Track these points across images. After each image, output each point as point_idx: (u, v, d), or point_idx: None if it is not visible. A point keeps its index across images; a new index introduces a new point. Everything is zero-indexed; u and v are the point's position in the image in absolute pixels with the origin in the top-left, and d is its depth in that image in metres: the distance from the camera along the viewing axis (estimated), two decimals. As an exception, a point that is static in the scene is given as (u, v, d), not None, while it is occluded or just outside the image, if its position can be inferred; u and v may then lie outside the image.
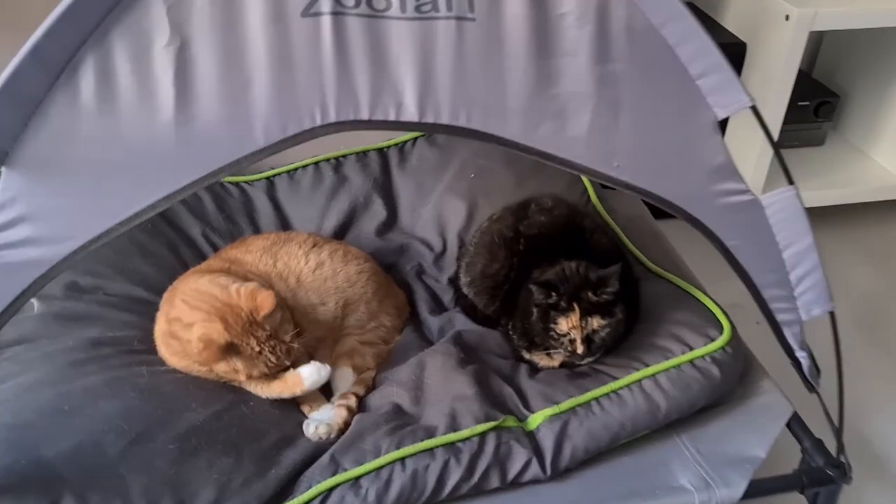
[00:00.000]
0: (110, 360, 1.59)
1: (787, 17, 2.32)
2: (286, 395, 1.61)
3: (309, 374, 1.59)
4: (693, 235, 1.37)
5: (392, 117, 1.18)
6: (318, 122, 1.17)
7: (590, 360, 1.63)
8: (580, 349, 1.57)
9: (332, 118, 1.17)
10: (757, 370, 1.79)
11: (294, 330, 1.60)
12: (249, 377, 1.54)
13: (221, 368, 1.54)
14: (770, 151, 2.49)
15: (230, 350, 1.51)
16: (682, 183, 1.27)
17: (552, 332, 1.60)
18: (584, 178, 2.21)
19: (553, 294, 1.59)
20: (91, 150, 1.14)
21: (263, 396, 1.62)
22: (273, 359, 1.53)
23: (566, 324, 1.57)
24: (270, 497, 1.41)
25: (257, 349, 1.52)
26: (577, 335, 1.57)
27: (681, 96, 1.22)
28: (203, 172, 1.15)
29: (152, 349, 1.66)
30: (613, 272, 1.60)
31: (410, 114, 1.18)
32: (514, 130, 1.20)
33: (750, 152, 2.51)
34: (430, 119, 1.18)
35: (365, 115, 1.17)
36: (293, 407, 1.66)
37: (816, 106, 2.84)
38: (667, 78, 1.21)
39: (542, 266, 1.71)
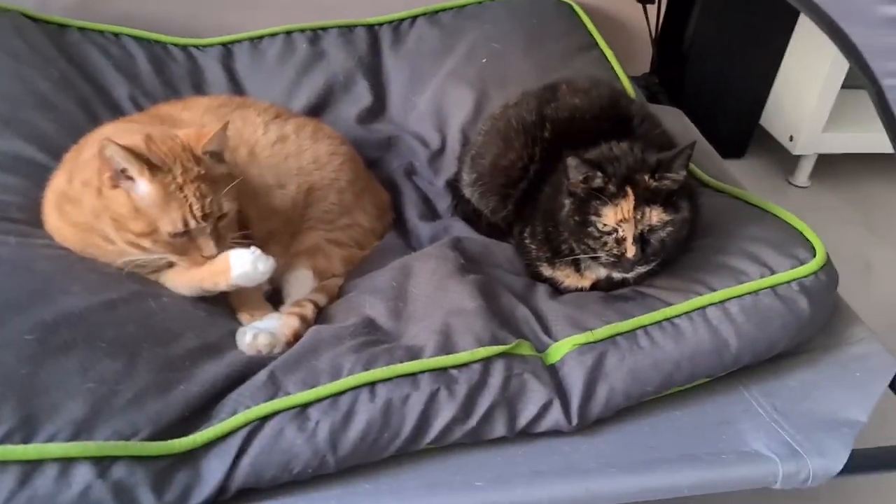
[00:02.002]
0: (-34, 223, 1.12)
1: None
2: (207, 286, 1.15)
3: (239, 262, 1.12)
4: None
5: None
6: None
7: (641, 270, 1.19)
8: (631, 251, 1.13)
9: None
10: (847, 314, 1.36)
11: (235, 204, 1.14)
12: (151, 233, 1.07)
13: (118, 205, 1.06)
14: (832, 94, 2.12)
15: (142, 173, 1.05)
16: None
17: (592, 229, 1.15)
18: (624, 78, 1.76)
19: (599, 174, 1.14)
20: None
21: (179, 290, 1.17)
22: (197, 208, 1.07)
23: (614, 215, 1.13)
24: (173, 420, 0.96)
25: (180, 181, 1.07)
26: (627, 231, 1.13)
27: None
28: None
29: (35, 222, 1.20)
30: (679, 154, 1.16)
31: None
32: None
33: (812, 89, 2.19)
34: None
35: None
36: (226, 313, 1.21)
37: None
38: None
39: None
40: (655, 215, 1.14)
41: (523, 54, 1.74)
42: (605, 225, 1.14)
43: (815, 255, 1.26)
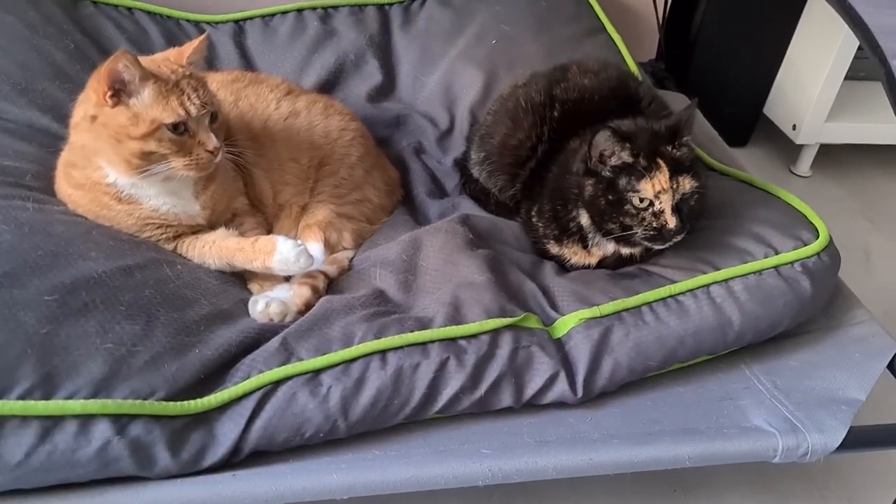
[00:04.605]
0: (-15, 188, 1.14)
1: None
2: (240, 260, 1.18)
3: (285, 248, 1.15)
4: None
5: None
6: None
7: (678, 239, 1.19)
8: (672, 221, 1.15)
9: None
10: (847, 297, 1.38)
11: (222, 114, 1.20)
12: (155, 131, 1.08)
13: (119, 118, 1.08)
14: (835, 84, 2.12)
15: (146, 78, 1.08)
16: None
17: (629, 206, 1.16)
18: (632, 63, 1.78)
19: (627, 146, 1.15)
20: None
21: (206, 259, 1.19)
22: (194, 97, 1.11)
23: (651, 188, 1.14)
24: (189, 382, 0.98)
25: (174, 79, 1.11)
26: (666, 202, 1.14)
27: None
28: None
29: (49, 190, 1.22)
30: (683, 117, 1.19)
31: None
32: None
33: (816, 79, 2.19)
34: None
35: None
36: (237, 283, 1.22)
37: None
38: None
39: (583, 136, 1.29)
40: (688, 183, 1.16)
41: (532, 37, 1.75)
42: (642, 199, 1.16)
43: (817, 237, 1.28)
